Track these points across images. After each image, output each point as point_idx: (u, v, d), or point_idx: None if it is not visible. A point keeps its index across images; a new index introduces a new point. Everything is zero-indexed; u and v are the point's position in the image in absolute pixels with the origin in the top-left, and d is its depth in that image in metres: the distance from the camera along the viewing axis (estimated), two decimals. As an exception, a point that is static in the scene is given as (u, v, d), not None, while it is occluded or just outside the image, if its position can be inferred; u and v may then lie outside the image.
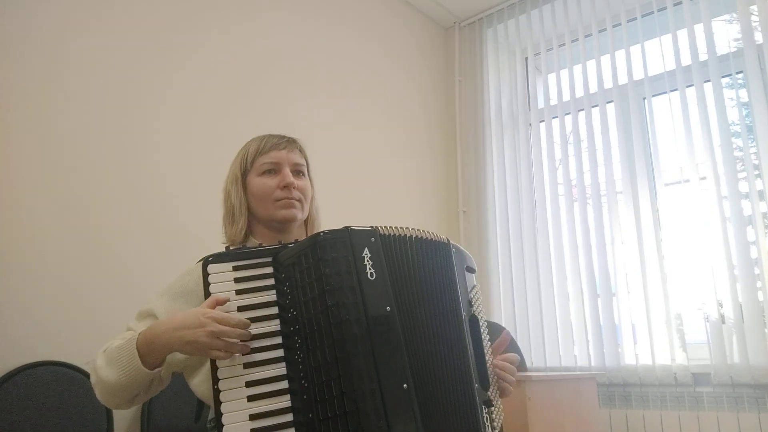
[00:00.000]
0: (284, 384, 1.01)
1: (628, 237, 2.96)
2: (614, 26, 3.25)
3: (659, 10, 3.08)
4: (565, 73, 3.44)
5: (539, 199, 3.33)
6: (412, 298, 1.08)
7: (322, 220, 1.44)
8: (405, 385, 1.00)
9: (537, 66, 3.71)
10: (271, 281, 1.08)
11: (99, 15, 2.19)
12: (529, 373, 2.51)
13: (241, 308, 1.05)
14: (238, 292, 1.07)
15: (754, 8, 2.79)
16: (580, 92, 3.30)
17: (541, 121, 3.45)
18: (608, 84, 3.22)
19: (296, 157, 1.36)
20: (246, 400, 0.99)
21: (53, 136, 2.00)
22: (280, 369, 1.02)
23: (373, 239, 1.08)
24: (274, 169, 1.33)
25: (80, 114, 2.08)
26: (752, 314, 2.54)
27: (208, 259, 1.08)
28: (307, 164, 1.40)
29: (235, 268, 1.08)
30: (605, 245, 3.03)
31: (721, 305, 2.64)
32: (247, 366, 1.02)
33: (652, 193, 2.96)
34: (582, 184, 3.22)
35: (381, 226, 1.11)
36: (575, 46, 3.41)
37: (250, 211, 1.34)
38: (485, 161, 3.53)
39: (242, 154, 1.37)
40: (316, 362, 1.00)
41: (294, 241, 1.12)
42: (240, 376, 1.01)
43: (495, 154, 3.53)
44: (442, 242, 1.19)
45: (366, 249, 1.06)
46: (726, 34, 2.98)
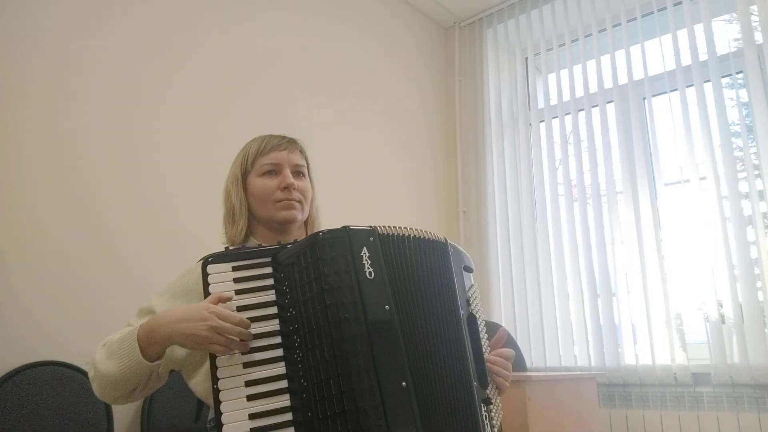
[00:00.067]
0: (283, 383, 1.01)
1: (628, 237, 2.96)
2: (614, 26, 3.25)
3: (659, 10, 3.09)
4: (565, 73, 3.45)
5: (539, 199, 3.33)
6: (410, 297, 1.08)
7: (322, 220, 1.44)
8: (404, 383, 1.00)
9: (537, 66, 3.71)
10: (271, 281, 1.08)
11: (99, 15, 2.20)
12: (529, 373, 2.51)
13: (240, 308, 1.06)
14: (238, 292, 1.07)
15: (754, 8, 2.79)
16: (580, 92, 3.30)
17: (541, 121, 3.45)
18: (608, 84, 3.22)
19: (297, 158, 1.36)
20: (245, 399, 0.99)
21: (53, 136, 2.01)
22: (280, 368, 1.02)
23: (371, 239, 1.08)
24: (275, 170, 1.33)
25: (80, 114, 2.09)
26: (752, 314, 2.54)
27: (208, 260, 1.09)
28: (308, 165, 1.41)
29: (235, 268, 1.08)
30: (605, 245, 3.03)
31: (721, 305, 2.64)
32: (246, 365, 1.02)
33: (652, 193, 2.96)
34: (582, 184, 3.22)
35: (379, 226, 1.11)
36: (575, 46, 3.41)
37: (250, 212, 1.35)
38: (485, 161, 3.53)
39: (243, 155, 1.37)
40: (315, 361, 1.01)
41: (293, 241, 1.12)
42: (239, 376, 1.01)
43: (495, 154, 3.53)
44: (439, 242, 1.19)
45: (364, 248, 1.06)
46: (726, 34, 2.98)
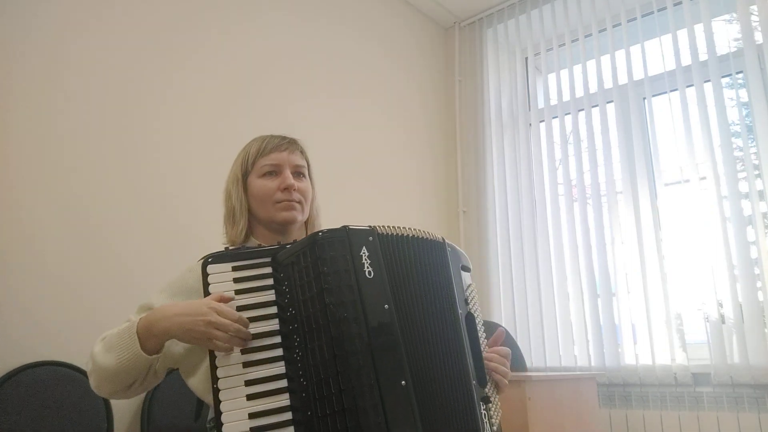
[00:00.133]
0: (283, 382, 1.02)
1: (628, 237, 2.96)
2: (614, 26, 3.25)
3: (659, 10, 3.09)
4: (565, 73, 3.45)
5: (539, 199, 3.33)
6: (409, 296, 1.08)
7: (323, 220, 1.44)
8: (403, 382, 1.00)
9: (537, 66, 3.71)
10: (270, 281, 1.09)
11: (99, 15, 2.20)
12: (529, 373, 2.51)
13: (240, 308, 1.06)
14: (238, 291, 1.07)
15: (754, 8, 2.79)
16: (580, 92, 3.30)
17: (541, 121, 3.45)
18: (608, 84, 3.22)
19: (297, 159, 1.36)
20: (245, 398, 1.00)
21: (53, 136, 2.01)
22: (279, 368, 1.03)
23: (371, 238, 1.08)
24: (275, 171, 1.33)
25: (80, 114, 2.09)
26: (752, 314, 2.54)
27: (208, 260, 1.09)
28: (308, 165, 1.41)
29: (235, 269, 1.09)
30: (605, 245, 3.03)
31: (721, 305, 2.64)
32: (246, 365, 1.02)
33: (652, 193, 2.96)
34: (582, 184, 3.22)
35: (379, 226, 1.11)
36: (575, 46, 3.41)
37: (250, 212, 1.35)
38: (485, 161, 3.53)
39: (243, 155, 1.37)
40: (314, 360, 1.01)
41: (293, 241, 1.12)
42: (239, 375, 1.01)
43: (495, 154, 3.53)
44: (437, 241, 1.19)
45: (364, 248, 1.07)
46: (726, 34, 2.98)
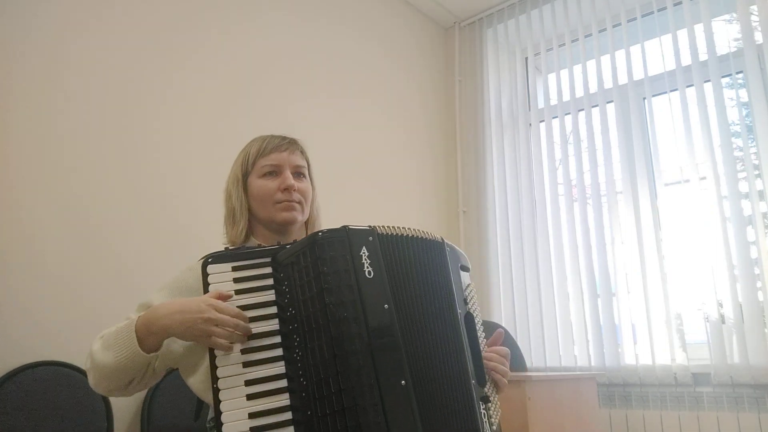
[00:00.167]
0: (283, 382, 1.02)
1: (628, 237, 2.96)
2: (614, 26, 3.25)
3: (659, 10, 3.09)
4: (565, 73, 3.45)
5: (539, 199, 3.33)
6: (409, 296, 1.09)
7: (323, 220, 1.44)
8: (403, 381, 1.00)
9: (537, 66, 3.71)
10: (270, 281, 1.09)
11: (99, 15, 2.20)
12: (529, 373, 2.51)
13: (240, 308, 1.06)
14: (238, 291, 1.07)
15: (754, 8, 2.79)
16: (580, 92, 3.30)
17: (541, 121, 3.45)
18: (608, 84, 3.22)
19: (297, 159, 1.36)
20: (245, 398, 1.00)
21: (53, 136, 2.01)
22: (279, 367, 1.03)
23: (370, 238, 1.08)
24: (275, 171, 1.33)
25: (80, 114, 2.09)
26: (752, 314, 2.54)
27: (208, 260, 1.09)
28: (308, 165, 1.41)
29: (235, 269, 1.09)
30: (605, 245, 3.03)
31: (721, 305, 2.64)
32: (246, 365, 1.02)
33: (652, 193, 2.96)
34: (582, 184, 3.22)
35: (378, 226, 1.11)
36: (575, 46, 3.41)
37: (250, 213, 1.35)
38: (485, 161, 3.53)
39: (243, 156, 1.37)
40: (314, 360, 1.01)
41: (293, 241, 1.12)
42: (239, 375, 1.01)
43: (495, 154, 3.53)
44: (436, 241, 1.19)
45: (364, 248, 1.07)
46: (726, 34, 2.98)
